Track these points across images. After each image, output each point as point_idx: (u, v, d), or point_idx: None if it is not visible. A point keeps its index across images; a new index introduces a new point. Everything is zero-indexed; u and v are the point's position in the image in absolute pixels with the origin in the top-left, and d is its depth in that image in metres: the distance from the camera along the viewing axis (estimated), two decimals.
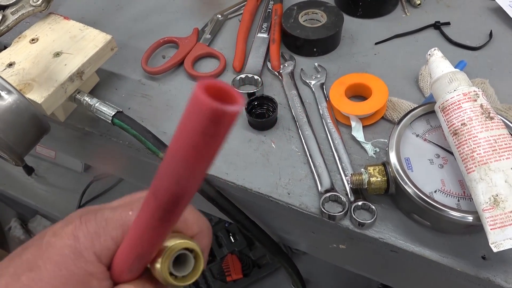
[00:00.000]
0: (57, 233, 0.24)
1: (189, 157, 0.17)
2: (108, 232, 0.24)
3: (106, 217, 0.24)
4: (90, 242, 0.24)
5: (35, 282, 0.23)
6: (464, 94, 0.37)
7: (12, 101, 0.41)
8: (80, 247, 0.23)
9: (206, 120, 0.16)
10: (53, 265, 0.23)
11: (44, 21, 0.53)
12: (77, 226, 0.24)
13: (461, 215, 0.37)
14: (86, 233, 0.24)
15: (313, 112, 0.51)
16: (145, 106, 0.54)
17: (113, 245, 0.24)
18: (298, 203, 0.44)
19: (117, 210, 0.25)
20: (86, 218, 0.24)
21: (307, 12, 0.58)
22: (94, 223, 0.24)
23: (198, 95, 0.15)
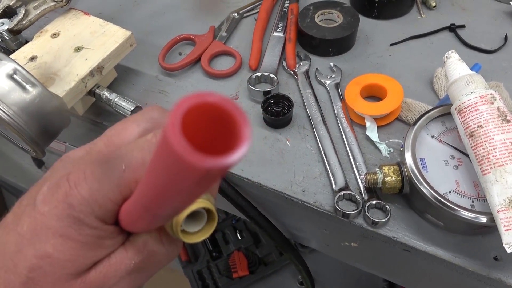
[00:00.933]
0: (47, 200, 0.22)
1: (186, 198, 0.16)
2: (104, 195, 0.22)
3: (98, 176, 0.22)
4: (89, 209, 0.22)
5: (44, 260, 0.22)
6: (481, 97, 0.38)
7: (36, 94, 0.42)
8: (79, 215, 0.21)
9: (196, 179, 0.12)
10: (57, 239, 0.22)
11: (65, 16, 0.54)
12: (68, 192, 0.21)
13: (475, 216, 0.37)
14: (80, 199, 0.21)
15: (328, 111, 0.52)
16: (162, 101, 0.55)
17: (113, 206, 0.22)
18: (313, 200, 0.45)
19: (108, 167, 0.22)
20: (75, 179, 0.22)
21: (323, 12, 0.58)
22: (85, 185, 0.21)
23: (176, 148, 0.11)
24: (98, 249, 0.23)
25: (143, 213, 0.20)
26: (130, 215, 0.22)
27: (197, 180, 0.13)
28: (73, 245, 0.22)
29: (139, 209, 0.20)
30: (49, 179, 0.23)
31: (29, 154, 0.48)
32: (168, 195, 0.16)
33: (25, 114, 0.42)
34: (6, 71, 0.41)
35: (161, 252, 0.25)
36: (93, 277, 0.23)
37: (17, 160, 1.31)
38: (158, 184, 0.16)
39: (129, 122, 0.24)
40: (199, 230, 0.23)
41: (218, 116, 0.12)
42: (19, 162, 1.31)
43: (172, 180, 0.14)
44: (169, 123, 0.11)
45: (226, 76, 0.56)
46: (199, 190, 0.15)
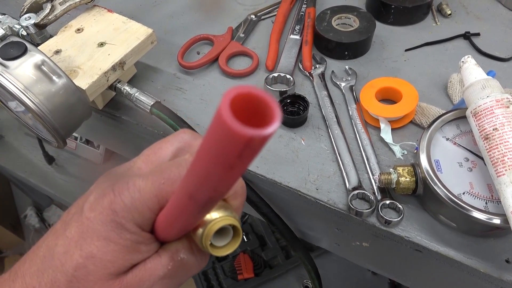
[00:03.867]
0: (93, 207, 0.25)
1: (226, 176, 0.17)
2: (144, 203, 0.24)
3: (139, 187, 0.24)
4: (130, 215, 0.24)
5: (88, 260, 0.24)
6: (497, 101, 0.39)
7: (61, 85, 0.44)
8: (120, 220, 0.24)
9: (242, 147, 0.14)
10: (101, 241, 0.24)
11: (89, 13, 0.56)
12: (113, 200, 0.24)
13: (488, 217, 0.38)
14: (123, 206, 0.24)
15: (342, 112, 0.53)
16: (180, 99, 0.56)
17: (151, 214, 0.25)
18: (326, 198, 0.45)
19: (148, 180, 0.25)
20: (119, 189, 0.24)
21: (340, 16, 0.59)
22: (128, 194, 0.24)
23: (227, 122, 0.14)
24: (135, 253, 0.25)
25: (187, 202, 0.21)
26: (168, 216, 0.24)
27: (240, 151, 0.15)
28: (115, 248, 0.24)
29: (183, 200, 0.22)
30: (94, 190, 0.26)
31: (51, 144, 0.49)
32: (212, 172, 0.17)
33: (51, 104, 0.43)
34: (35, 61, 0.42)
35: (191, 260, 0.27)
36: (130, 279, 0.25)
37: (27, 155, 1.33)
38: (204, 163, 0.17)
39: (164, 142, 0.28)
40: (225, 244, 0.25)
41: (255, 101, 0.15)
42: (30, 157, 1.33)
43: (218, 153, 0.16)
44: (221, 105, 0.14)
45: (243, 76, 0.58)
46: (240, 166, 0.16)
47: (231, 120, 0.14)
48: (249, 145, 0.14)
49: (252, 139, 0.14)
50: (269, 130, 0.14)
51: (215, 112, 0.14)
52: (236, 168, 0.16)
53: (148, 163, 0.27)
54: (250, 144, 0.14)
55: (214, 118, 0.15)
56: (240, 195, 0.27)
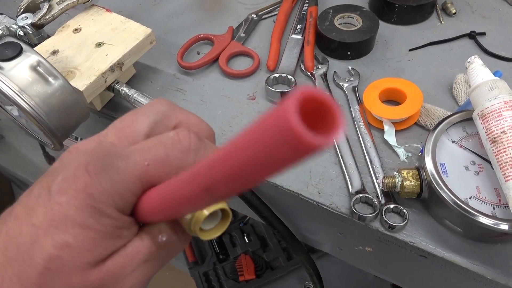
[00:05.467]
0: (64, 190, 0.21)
1: (263, 174, 0.16)
2: (126, 186, 0.22)
3: (118, 168, 0.22)
4: (109, 199, 0.22)
5: (63, 250, 0.21)
6: (505, 102, 0.38)
7: (57, 86, 0.43)
8: (99, 206, 0.21)
9: (302, 155, 0.14)
10: (77, 229, 0.21)
11: (87, 13, 0.55)
12: (88, 182, 0.21)
13: (495, 223, 0.37)
14: (101, 190, 0.21)
15: (345, 114, 0.52)
16: (179, 99, 0.55)
17: (133, 198, 0.23)
18: (329, 202, 0.44)
19: (129, 160, 0.22)
20: (95, 170, 0.22)
21: (343, 15, 0.58)
22: (106, 176, 0.22)
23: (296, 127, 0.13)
24: (116, 239, 0.23)
25: (200, 195, 0.20)
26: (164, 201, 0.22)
27: (301, 157, 0.14)
28: (93, 235, 0.22)
29: (196, 191, 0.20)
30: (62, 170, 0.22)
31: (47, 147, 0.48)
32: (250, 171, 0.16)
33: (46, 106, 0.42)
34: (30, 62, 0.41)
35: (175, 241, 0.25)
36: (110, 266, 0.23)
37: (27, 155, 1.33)
38: (243, 162, 0.16)
39: (139, 114, 0.25)
40: (213, 227, 0.24)
41: (320, 106, 0.14)
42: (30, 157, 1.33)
43: (268, 156, 0.15)
44: (288, 105, 0.13)
45: (243, 76, 0.57)
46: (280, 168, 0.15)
47: (300, 127, 0.13)
48: (312, 152, 0.13)
49: (318, 147, 0.13)
50: (334, 136, 0.13)
51: (273, 112, 0.13)
52: (275, 170, 0.15)
53: (122, 138, 0.24)
54: (314, 151, 0.13)
55: (273, 119, 0.13)
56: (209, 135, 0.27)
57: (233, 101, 0.54)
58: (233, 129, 0.51)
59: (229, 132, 0.51)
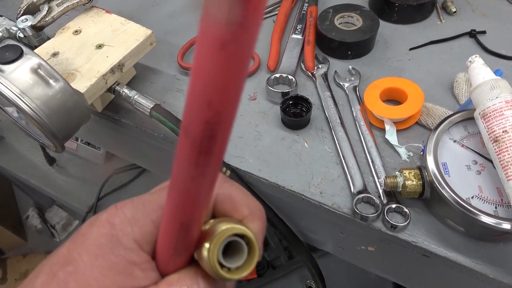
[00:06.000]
0: (92, 223, 0.22)
1: (216, 64, 0.14)
2: (147, 214, 0.22)
3: (143, 200, 0.22)
4: (129, 227, 0.21)
5: (71, 276, 0.21)
6: (507, 102, 0.38)
7: (58, 89, 0.43)
8: (117, 233, 0.21)
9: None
10: (90, 256, 0.21)
11: (86, 14, 0.55)
12: (113, 213, 0.22)
13: (498, 222, 0.37)
14: (123, 218, 0.21)
15: (346, 114, 0.52)
16: (180, 100, 0.55)
17: (154, 229, 0.22)
18: (331, 202, 0.44)
19: (154, 193, 0.23)
20: (122, 204, 0.22)
21: (343, 15, 0.58)
22: (131, 207, 0.22)
23: None
24: (127, 276, 0.21)
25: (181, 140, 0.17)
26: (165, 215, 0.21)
27: (228, 8, 0.12)
28: (103, 264, 0.21)
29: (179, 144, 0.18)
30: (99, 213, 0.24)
31: (49, 149, 0.48)
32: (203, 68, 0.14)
33: (48, 108, 0.42)
34: (31, 65, 0.41)
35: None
36: None
37: (28, 156, 1.33)
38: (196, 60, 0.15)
39: None
40: (240, 265, 0.20)
41: None
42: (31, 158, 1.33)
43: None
44: None
45: None
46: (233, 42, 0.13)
47: None
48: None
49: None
50: None
51: None
52: (228, 47, 0.13)
53: (157, 188, 0.25)
54: None
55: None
56: (258, 218, 0.23)
57: None
58: (234, 129, 0.51)
59: None
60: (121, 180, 1.22)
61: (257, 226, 0.23)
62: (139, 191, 0.87)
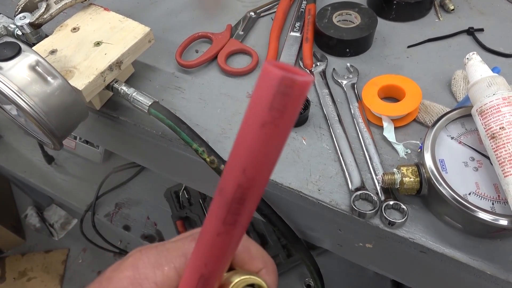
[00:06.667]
0: (116, 267, 0.23)
1: (255, 138, 0.16)
2: (169, 260, 0.23)
3: (168, 247, 0.23)
4: (151, 272, 0.22)
5: None
6: (504, 99, 0.38)
7: (56, 86, 0.43)
8: (139, 277, 0.22)
9: (275, 89, 0.14)
10: None
11: (85, 12, 0.55)
12: (137, 257, 0.23)
13: (495, 218, 0.37)
14: (146, 263, 0.22)
15: (344, 111, 0.52)
16: (178, 98, 0.55)
17: (176, 275, 0.22)
18: (329, 199, 0.45)
19: (178, 241, 0.24)
20: (147, 249, 0.23)
21: (341, 13, 0.58)
22: (155, 252, 0.23)
23: (267, 67, 0.14)
24: None
25: (216, 198, 0.19)
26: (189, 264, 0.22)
27: (276, 93, 0.15)
28: None
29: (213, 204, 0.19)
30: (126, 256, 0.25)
31: (47, 146, 0.48)
32: (245, 136, 0.16)
33: (46, 106, 0.42)
34: (29, 62, 0.41)
35: None
36: None
37: (27, 155, 1.32)
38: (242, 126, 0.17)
39: None
40: None
41: (291, 68, 0.15)
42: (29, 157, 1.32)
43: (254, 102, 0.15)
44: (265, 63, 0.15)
45: (242, 74, 0.57)
46: (274, 121, 0.15)
47: (271, 66, 0.14)
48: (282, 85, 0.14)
49: (284, 77, 0.14)
50: (298, 77, 0.14)
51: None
52: (269, 128, 0.15)
53: (181, 235, 0.26)
54: (282, 83, 0.14)
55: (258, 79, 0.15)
56: (272, 271, 0.25)
57: (232, 99, 0.54)
58: (233, 127, 0.51)
59: (229, 130, 0.51)
60: (120, 179, 1.22)
61: (271, 279, 0.24)
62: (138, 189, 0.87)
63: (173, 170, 0.61)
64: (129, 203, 1.18)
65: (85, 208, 1.16)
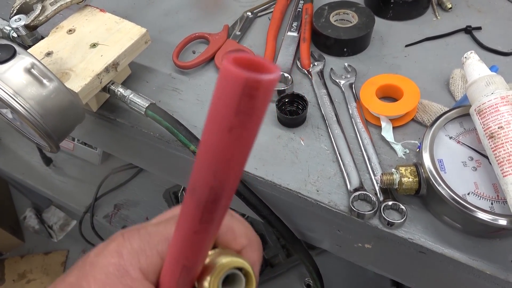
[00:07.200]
0: (99, 252, 0.23)
1: (224, 143, 0.15)
2: (153, 246, 0.23)
3: (150, 231, 0.23)
4: (135, 258, 0.23)
5: None
6: (502, 98, 0.37)
7: (52, 89, 0.42)
8: (124, 264, 0.22)
9: (239, 93, 0.14)
10: (98, 285, 0.22)
11: (80, 13, 0.54)
12: (120, 243, 0.23)
13: (494, 218, 0.37)
14: (130, 249, 0.23)
15: (342, 111, 0.52)
16: (175, 99, 0.55)
17: (159, 260, 0.23)
18: (327, 200, 0.44)
19: (160, 225, 0.24)
20: (129, 234, 0.23)
21: (338, 12, 0.58)
22: (137, 238, 0.23)
23: (227, 67, 0.13)
24: None
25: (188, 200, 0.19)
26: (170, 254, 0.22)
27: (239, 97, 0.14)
28: None
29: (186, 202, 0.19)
30: (107, 239, 0.25)
31: (44, 149, 0.48)
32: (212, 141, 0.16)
33: (42, 109, 0.42)
34: (24, 65, 0.41)
35: None
36: None
37: (25, 157, 1.32)
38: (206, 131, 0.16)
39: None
40: None
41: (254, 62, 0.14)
42: (27, 159, 1.32)
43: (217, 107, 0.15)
44: (225, 61, 0.14)
45: None
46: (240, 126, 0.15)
47: (232, 66, 0.13)
48: (246, 89, 0.13)
49: (249, 80, 0.13)
50: (264, 77, 0.13)
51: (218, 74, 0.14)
52: (236, 130, 0.15)
53: (162, 217, 0.26)
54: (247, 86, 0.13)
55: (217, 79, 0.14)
56: (256, 249, 0.25)
57: None
58: None
59: None
60: (118, 180, 1.22)
61: (255, 256, 0.25)
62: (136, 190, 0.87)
63: (171, 172, 0.61)
64: (128, 204, 1.18)
65: (84, 210, 1.16)
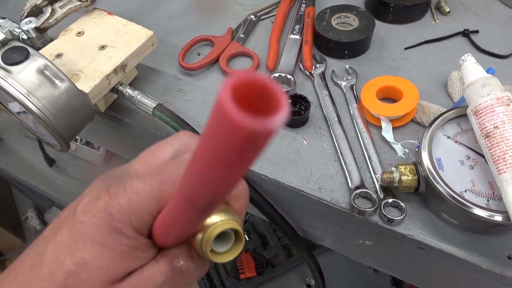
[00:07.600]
0: (87, 210, 0.23)
1: (226, 174, 0.16)
2: (142, 205, 0.23)
3: (137, 189, 0.23)
4: (126, 218, 0.23)
5: (80, 267, 0.22)
6: (498, 99, 0.39)
7: (64, 89, 0.44)
8: (117, 224, 0.23)
9: (244, 143, 0.13)
10: (95, 247, 0.22)
11: (89, 16, 0.56)
12: (108, 202, 0.23)
13: (490, 214, 0.38)
14: (119, 209, 0.23)
15: (343, 112, 0.53)
16: (181, 100, 0.56)
17: (149, 217, 0.23)
18: (329, 198, 0.46)
19: (146, 180, 0.24)
20: (115, 191, 0.23)
21: (340, 15, 0.60)
22: (125, 196, 0.23)
23: (232, 116, 0.12)
24: (132, 259, 0.24)
25: (184, 206, 0.20)
26: (166, 219, 0.23)
27: (242, 146, 0.13)
28: (110, 253, 0.23)
29: (181, 203, 0.21)
30: (88, 193, 0.24)
31: (54, 148, 0.49)
32: (211, 172, 0.16)
33: (54, 108, 0.43)
34: (37, 66, 0.43)
35: (191, 267, 0.25)
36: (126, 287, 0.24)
37: (27, 158, 1.33)
38: (202, 162, 0.16)
39: (162, 144, 0.27)
40: (227, 250, 0.24)
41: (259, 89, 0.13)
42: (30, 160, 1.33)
43: (217, 150, 0.15)
44: (222, 91, 0.12)
45: None
46: (241, 164, 0.15)
47: (233, 109, 0.12)
48: (252, 139, 0.13)
49: (256, 132, 0.12)
50: (273, 122, 0.12)
51: (214, 102, 0.13)
52: (237, 167, 0.15)
53: (146, 165, 0.26)
54: (253, 138, 0.13)
55: (213, 110, 0.13)
56: (243, 197, 0.26)
57: None
58: None
59: None
60: None
61: (241, 205, 0.26)
62: None
63: None
64: None
65: None
